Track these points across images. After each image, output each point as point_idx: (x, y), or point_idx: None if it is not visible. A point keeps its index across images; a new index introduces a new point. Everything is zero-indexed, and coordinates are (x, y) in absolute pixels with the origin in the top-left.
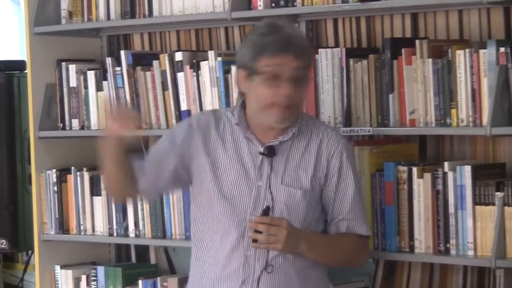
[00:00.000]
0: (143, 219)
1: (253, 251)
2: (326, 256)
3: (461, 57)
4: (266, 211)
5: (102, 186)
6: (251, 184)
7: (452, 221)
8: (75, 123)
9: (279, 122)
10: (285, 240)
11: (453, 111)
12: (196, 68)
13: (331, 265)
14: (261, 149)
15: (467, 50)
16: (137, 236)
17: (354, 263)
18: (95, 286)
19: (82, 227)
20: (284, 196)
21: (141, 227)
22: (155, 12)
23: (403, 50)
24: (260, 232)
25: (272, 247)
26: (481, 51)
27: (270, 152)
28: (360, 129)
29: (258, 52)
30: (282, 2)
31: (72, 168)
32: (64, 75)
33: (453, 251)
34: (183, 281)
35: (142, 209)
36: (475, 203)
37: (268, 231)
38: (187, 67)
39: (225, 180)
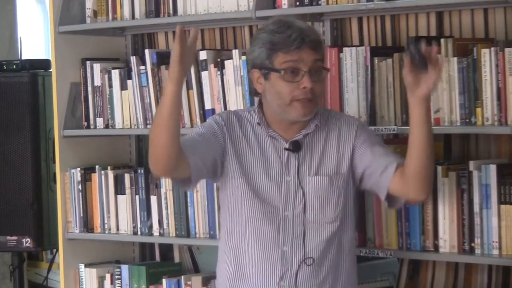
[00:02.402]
0: (167, 218)
1: (289, 246)
2: (432, 134)
3: (486, 55)
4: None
5: (150, 151)
6: (279, 180)
7: (477, 220)
8: (100, 122)
9: (301, 115)
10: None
11: (478, 110)
12: (220, 67)
13: (425, 153)
14: (286, 145)
15: (492, 48)
16: (161, 235)
17: (431, 177)
18: (119, 285)
19: (106, 226)
20: (313, 185)
21: (165, 226)
22: (180, 11)
23: None
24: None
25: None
26: (507, 50)
27: (296, 146)
28: (385, 128)
29: (273, 49)
30: (306, 1)
31: (97, 166)
32: (88, 74)
33: (478, 251)
34: (207, 280)
35: (166, 208)
36: (500, 202)
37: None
38: (212, 66)
39: (254, 179)
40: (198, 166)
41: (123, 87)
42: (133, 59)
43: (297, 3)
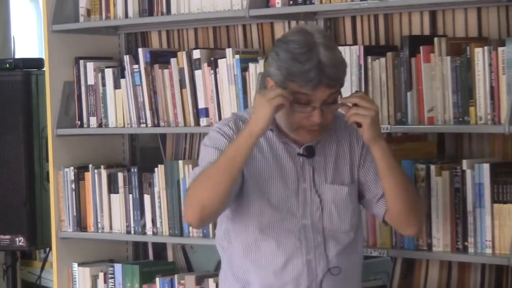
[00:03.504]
0: (160, 217)
1: (313, 255)
2: (399, 168)
3: (479, 54)
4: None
5: (194, 202)
6: (296, 187)
7: (470, 219)
8: (93, 120)
9: (307, 141)
10: (374, 115)
11: (472, 108)
12: (214, 65)
13: (401, 190)
14: (299, 150)
15: (485, 47)
16: (154, 233)
17: (416, 210)
18: (113, 284)
19: (99, 225)
20: (331, 194)
21: (158, 225)
22: (173, 10)
23: (421, 47)
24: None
25: (361, 117)
26: (500, 49)
27: (310, 152)
28: None
29: (289, 78)
30: (300, 0)
31: (90, 165)
32: (82, 73)
33: (471, 249)
34: (200, 279)
35: (160, 207)
36: (494, 201)
37: (361, 102)
38: (205, 64)
39: (270, 188)
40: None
41: (117, 86)
42: (126, 58)
43: (291, 2)
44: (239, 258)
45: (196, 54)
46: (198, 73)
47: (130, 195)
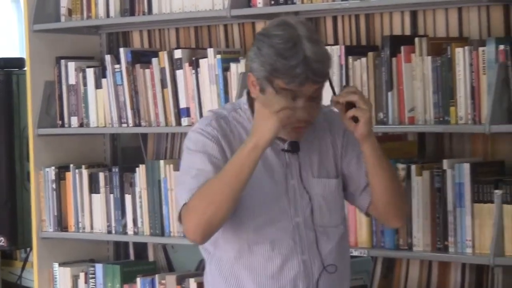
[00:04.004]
0: (141, 217)
1: (307, 254)
2: (388, 162)
3: (460, 55)
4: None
5: (197, 218)
6: (285, 185)
7: (450, 218)
8: (74, 120)
9: (293, 139)
10: (369, 115)
11: (452, 108)
12: (195, 65)
13: (390, 182)
14: (284, 147)
15: (466, 47)
16: (135, 233)
17: (402, 203)
18: (94, 284)
19: (80, 225)
20: (319, 189)
21: (139, 225)
22: (155, 9)
23: (402, 47)
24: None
25: (360, 112)
26: (481, 49)
27: (295, 147)
28: None
29: (274, 74)
30: (281, 0)
31: (71, 165)
32: (63, 73)
33: (451, 249)
34: (181, 279)
35: (141, 207)
36: (474, 200)
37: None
38: (186, 64)
39: (259, 190)
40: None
41: (98, 85)
42: (107, 58)
43: (272, 2)
44: (229, 263)
45: (178, 54)
46: (179, 73)
47: (111, 195)
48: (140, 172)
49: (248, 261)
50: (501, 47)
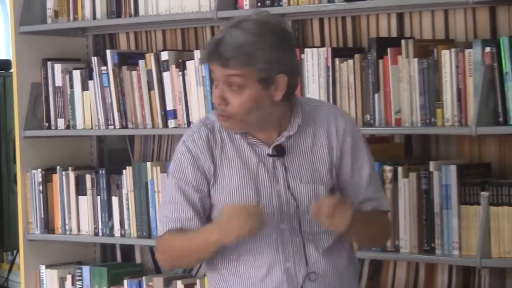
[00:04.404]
0: (128, 219)
1: (292, 262)
2: (364, 234)
3: (446, 57)
4: (331, 191)
5: (162, 256)
6: (269, 191)
7: (437, 220)
8: (61, 122)
9: (223, 126)
10: (348, 223)
11: (439, 110)
12: (182, 67)
13: (364, 244)
14: (269, 151)
15: (452, 50)
16: (122, 235)
17: (382, 240)
18: (80, 286)
19: (67, 227)
20: (307, 194)
21: (126, 227)
22: (141, 11)
23: (388, 49)
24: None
25: (336, 227)
26: (467, 51)
27: (280, 151)
28: None
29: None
30: (268, 2)
31: (58, 167)
32: (49, 74)
33: (438, 251)
34: (168, 281)
35: (128, 209)
36: (461, 202)
37: (333, 213)
38: (173, 66)
39: (241, 197)
40: None
41: (84, 87)
42: (94, 60)
43: (259, 4)
44: (219, 271)
45: (164, 55)
46: (166, 75)
47: (98, 197)
48: (127, 174)
49: (236, 269)
50: (487, 49)
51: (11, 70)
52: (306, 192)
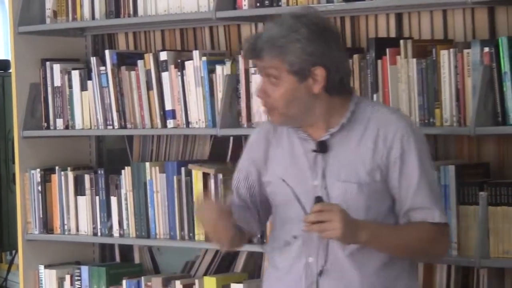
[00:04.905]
0: (127, 219)
1: (314, 257)
2: (394, 247)
3: (445, 57)
4: (317, 201)
5: None
6: (308, 185)
7: None
8: (60, 122)
9: (270, 121)
10: (341, 224)
11: (437, 111)
12: (180, 67)
13: (403, 257)
14: (313, 146)
15: (451, 50)
16: (121, 235)
17: (432, 254)
18: (79, 286)
19: (66, 227)
20: (340, 192)
21: (125, 227)
22: (140, 11)
23: (387, 50)
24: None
25: (329, 234)
26: (465, 51)
27: (323, 148)
28: None
29: None
30: (267, 2)
31: (56, 167)
32: (48, 75)
33: None
34: (167, 281)
35: (127, 209)
36: (459, 202)
37: (320, 218)
38: (172, 66)
39: (282, 188)
40: (259, 225)
41: (83, 87)
42: (93, 60)
43: (258, 4)
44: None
45: (163, 56)
46: (165, 75)
47: (97, 197)
48: (126, 174)
49: (277, 250)
50: (486, 49)
51: (10, 70)
52: (340, 189)
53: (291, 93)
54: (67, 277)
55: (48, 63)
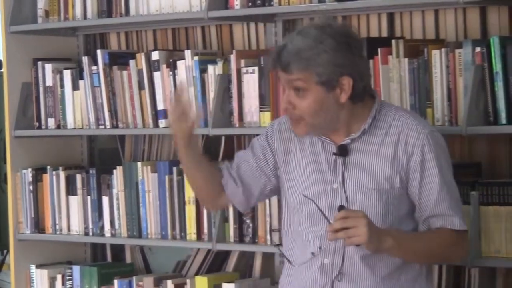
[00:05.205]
0: (118, 219)
1: (330, 259)
2: (416, 254)
3: (437, 56)
4: (341, 209)
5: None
6: (327, 187)
7: None
8: (51, 122)
9: (293, 131)
10: (366, 230)
11: (429, 110)
12: (172, 67)
13: (424, 263)
14: (334, 150)
15: (443, 49)
16: (112, 235)
17: (452, 259)
18: (71, 286)
19: (57, 227)
20: (358, 197)
21: (116, 227)
22: (132, 11)
23: (379, 49)
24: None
25: (356, 240)
26: (457, 51)
27: (343, 151)
28: None
29: None
30: (259, 2)
31: (48, 167)
32: (40, 74)
33: None
34: (158, 280)
35: (118, 209)
36: None
37: (346, 225)
38: (164, 66)
39: (303, 186)
40: (244, 200)
41: (75, 87)
42: (85, 59)
43: (250, 4)
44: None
45: (155, 55)
46: (157, 75)
47: (89, 197)
48: (118, 174)
49: (292, 249)
50: (478, 49)
51: (2, 70)
52: (358, 194)
53: (320, 104)
54: (59, 277)
55: (40, 63)
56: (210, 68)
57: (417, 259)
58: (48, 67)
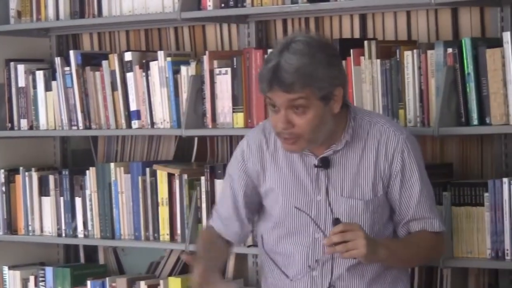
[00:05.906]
0: (91, 220)
1: (319, 271)
2: (405, 260)
3: (409, 57)
4: (336, 223)
5: None
6: (310, 200)
7: None
8: (24, 123)
9: (287, 150)
10: (365, 243)
11: (401, 111)
12: (145, 68)
13: (410, 266)
14: (316, 162)
15: (415, 51)
16: (85, 236)
17: (433, 259)
18: (44, 287)
19: (30, 228)
20: (345, 209)
21: (89, 228)
22: (105, 12)
23: (351, 50)
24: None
25: (355, 253)
26: (429, 52)
27: (325, 163)
28: None
29: (259, 79)
30: (232, 3)
31: (21, 168)
32: (12, 75)
33: None
34: (132, 281)
35: (91, 209)
36: None
37: (344, 238)
38: (137, 67)
39: (284, 201)
40: (241, 236)
41: (48, 88)
42: (57, 60)
43: (222, 5)
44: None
45: (128, 56)
46: (130, 76)
47: (61, 198)
48: (91, 175)
49: (274, 264)
50: (449, 50)
51: None
52: (344, 205)
53: (319, 118)
54: (31, 278)
55: (12, 64)
56: (183, 69)
57: (405, 264)
58: (21, 68)
